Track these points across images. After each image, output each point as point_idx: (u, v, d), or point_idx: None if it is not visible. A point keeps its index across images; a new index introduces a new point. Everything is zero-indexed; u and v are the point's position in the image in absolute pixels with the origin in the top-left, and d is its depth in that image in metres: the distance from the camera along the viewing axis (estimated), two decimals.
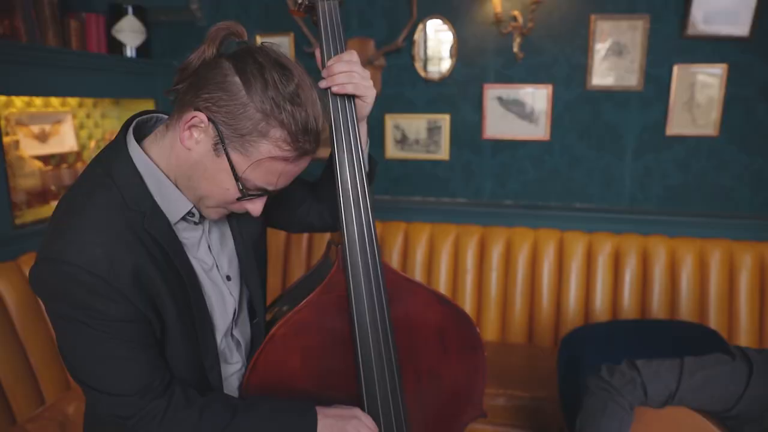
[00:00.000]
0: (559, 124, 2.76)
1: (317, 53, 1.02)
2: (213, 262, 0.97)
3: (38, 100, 2.62)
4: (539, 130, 2.78)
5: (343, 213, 1.00)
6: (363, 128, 1.06)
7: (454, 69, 2.79)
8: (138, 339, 0.85)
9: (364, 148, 1.04)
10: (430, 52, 2.82)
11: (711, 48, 2.56)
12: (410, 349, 1.08)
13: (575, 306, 2.57)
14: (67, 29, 2.67)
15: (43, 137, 2.63)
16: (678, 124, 2.63)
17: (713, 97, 2.58)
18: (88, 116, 2.92)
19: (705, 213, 2.67)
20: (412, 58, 2.81)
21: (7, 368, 1.93)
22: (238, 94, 0.81)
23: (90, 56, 2.67)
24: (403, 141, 2.92)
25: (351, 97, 0.99)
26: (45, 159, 2.60)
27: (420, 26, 2.77)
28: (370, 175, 1.15)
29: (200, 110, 0.82)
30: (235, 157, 0.83)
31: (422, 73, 2.82)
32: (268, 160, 0.83)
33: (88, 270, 0.78)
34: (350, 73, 0.96)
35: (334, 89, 0.97)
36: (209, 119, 0.82)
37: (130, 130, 0.90)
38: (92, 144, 2.87)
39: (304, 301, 1.00)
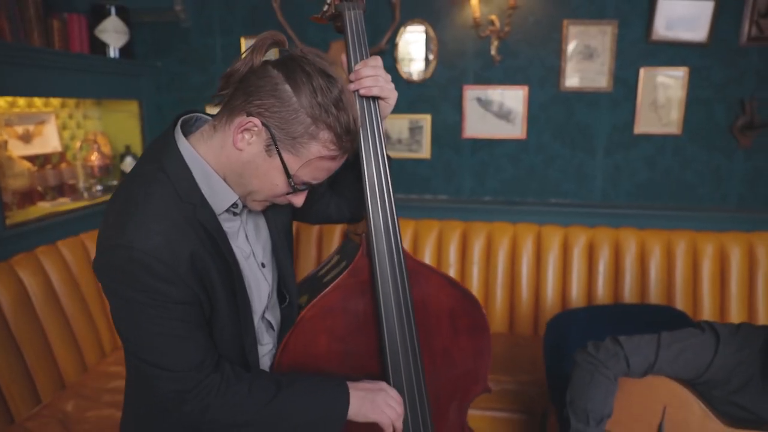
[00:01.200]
0: (534, 123, 2.90)
1: (343, 58, 1.11)
2: (250, 250, 1.05)
3: (21, 101, 2.61)
4: (516, 130, 2.92)
5: (369, 204, 1.09)
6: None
7: (435, 71, 2.91)
8: (194, 320, 0.92)
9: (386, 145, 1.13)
10: (412, 54, 2.92)
11: (673, 52, 2.74)
12: (426, 330, 1.17)
13: (553, 295, 2.72)
14: (50, 29, 2.66)
15: (27, 138, 2.62)
16: (645, 124, 2.81)
17: (676, 98, 2.77)
18: (70, 117, 2.91)
19: (671, 207, 2.86)
20: (394, 60, 2.91)
21: (2, 368, 1.94)
22: (289, 101, 0.88)
23: (73, 56, 2.66)
24: (386, 140, 3.01)
25: (375, 99, 1.08)
26: (30, 159, 2.59)
27: (402, 29, 2.87)
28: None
29: (253, 115, 0.89)
30: (287, 157, 0.91)
31: (404, 75, 2.92)
32: (317, 159, 0.92)
33: (153, 255, 0.85)
34: (376, 77, 1.05)
35: (362, 92, 1.06)
36: (263, 124, 0.89)
37: (178, 126, 0.97)
38: (77, 145, 2.86)
39: (331, 285, 1.09)
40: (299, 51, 0.93)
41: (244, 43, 2.99)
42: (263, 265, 1.07)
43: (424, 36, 2.88)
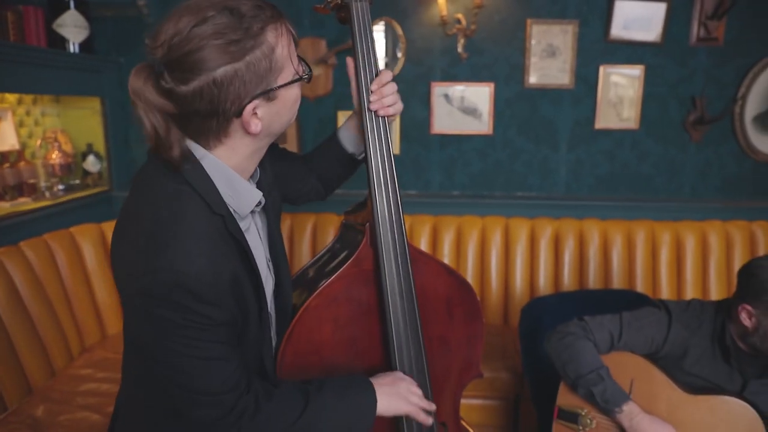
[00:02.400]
0: (500, 119, 2.98)
1: (350, 63, 1.13)
2: (261, 247, 1.03)
3: None
4: (483, 125, 2.99)
5: (376, 197, 1.12)
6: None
7: (403, 68, 2.94)
8: (230, 340, 0.89)
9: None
10: (380, 51, 2.95)
11: (630, 51, 2.87)
12: (424, 316, 1.19)
13: (522, 285, 2.80)
14: (3, 22, 2.55)
15: None
16: (604, 119, 2.93)
17: (633, 94, 2.90)
18: (28, 114, 2.80)
19: (630, 198, 3.00)
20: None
21: None
22: (236, 71, 0.81)
23: (30, 50, 2.54)
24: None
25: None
26: None
27: (372, 26, 2.89)
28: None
29: (243, 108, 0.85)
30: (281, 80, 0.87)
31: None
32: (288, 50, 0.88)
33: (198, 279, 0.80)
34: (395, 96, 1.10)
35: (381, 112, 1.10)
36: (252, 99, 0.85)
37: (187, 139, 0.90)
38: (36, 143, 2.76)
39: (335, 274, 1.10)
40: (154, 38, 0.83)
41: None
42: (269, 261, 1.07)
43: (392, 34, 2.91)
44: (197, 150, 0.90)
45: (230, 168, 0.91)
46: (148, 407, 1.00)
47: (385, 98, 1.08)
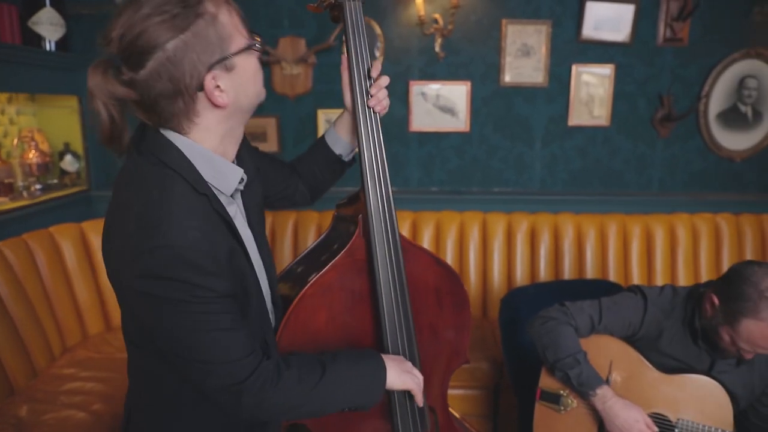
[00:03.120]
0: (477, 117, 3.06)
1: (344, 60, 1.18)
2: (250, 234, 1.05)
3: None
4: (460, 123, 3.06)
5: (369, 191, 1.17)
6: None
7: (381, 67, 2.98)
8: (237, 311, 0.91)
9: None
10: None
11: (601, 51, 2.98)
12: (414, 305, 1.24)
13: (500, 278, 2.88)
14: None
15: None
16: (577, 116, 3.03)
17: (604, 92, 3.01)
18: (2, 112, 2.76)
19: (602, 192, 3.11)
20: (342, 56, 2.97)
21: None
22: (185, 43, 0.83)
23: (4, 47, 2.49)
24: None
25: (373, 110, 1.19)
26: None
27: None
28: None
29: (202, 84, 0.86)
30: (234, 48, 0.88)
31: None
32: (229, 17, 0.89)
33: (193, 249, 0.82)
34: (387, 96, 1.18)
35: (378, 109, 1.17)
36: (209, 70, 0.86)
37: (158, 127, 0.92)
38: (12, 142, 2.72)
39: (329, 264, 1.15)
40: (105, 33, 0.87)
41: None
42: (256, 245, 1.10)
43: (371, 33, 2.96)
44: (173, 137, 0.92)
45: (210, 150, 0.93)
46: (161, 405, 1.01)
47: (381, 93, 1.15)
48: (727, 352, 1.46)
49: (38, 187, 2.75)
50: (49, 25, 2.76)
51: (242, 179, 1.00)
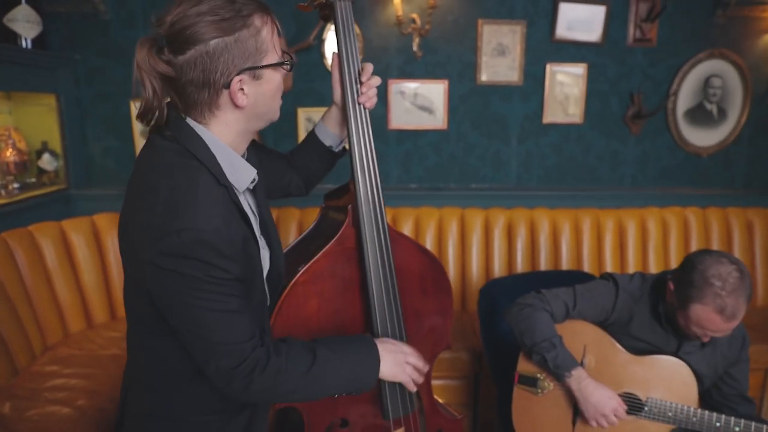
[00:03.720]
0: (454, 115, 3.12)
1: (335, 57, 1.22)
2: (255, 224, 1.10)
3: None
4: (438, 121, 3.12)
5: (359, 182, 1.22)
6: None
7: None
8: (244, 296, 0.98)
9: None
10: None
11: (574, 50, 3.07)
12: (402, 291, 1.29)
13: (478, 272, 2.95)
14: None
15: None
16: (552, 114, 3.12)
17: (577, 91, 3.10)
18: None
19: (576, 188, 3.20)
20: (321, 55, 3.02)
21: None
22: (224, 45, 0.92)
23: None
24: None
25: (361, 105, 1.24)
26: None
27: (329, 26, 2.98)
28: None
29: (229, 82, 0.94)
30: (266, 61, 0.97)
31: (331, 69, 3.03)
32: (270, 37, 0.97)
33: (216, 234, 0.90)
34: (376, 94, 1.23)
35: (368, 105, 1.22)
36: (237, 74, 0.95)
37: (186, 117, 0.99)
38: None
39: (321, 252, 1.19)
40: (161, 21, 0.94)
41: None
42: (260, 236, 1.14)
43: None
44: (198, 128, 0.99)
45: (227, 145, 1.01)
46: (158, 376, 1.06)
47: (371, 91, 1.21)
48: (683, 333, 1.55)
49: (16, 185, 2.73)
50: (25, 23, 2.74)
51: (254, 180, 1.07)
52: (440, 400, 1.59)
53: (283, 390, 1.02)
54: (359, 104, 1.23)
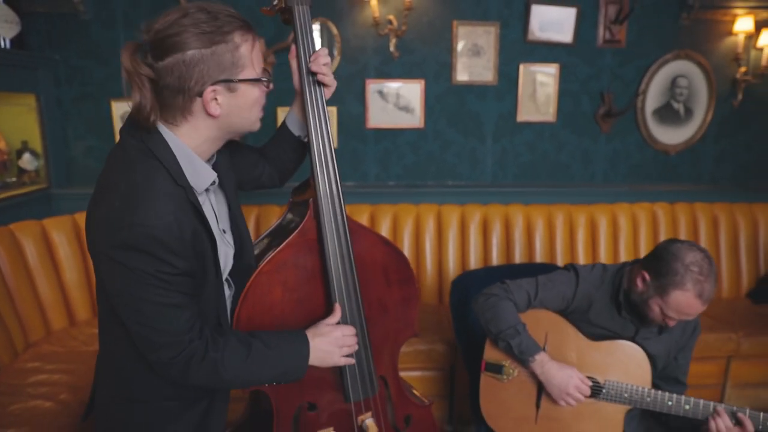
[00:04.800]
0: (431, 114, 3.20)
1: (293, 49, 1.29)
2: (215, 218, 1.18)
3: None
4: (415, 120, 3.20)
5: (318, 174, 1.28)
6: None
7: (339, 66, 3.10)
8: (190, 291, 1.04)
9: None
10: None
11: (546, 51, 3.16)
12: (363, 281, 1.36)
13: (454, 266, 3.03)
14: None
15: None
16: (526, 113, 3.21)
17: (550, 90, 3.20)
18: None
19: (550, 184, 3.30)
20: (291, 45, 3.06)
21: None
22: (201, 55, 0.99)
23: None
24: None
25: (322, 85, 1.30)
26: None
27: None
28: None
29: (203, 90, 1.01)
30: (243, 75, 1.04)
31: None
32: (250, 52, 1.05)
33: (165, 230, 0.96)
34: (328, 67, 1.28)
35: (319, 76, 1.28)
36: (213, 84, 1.01)
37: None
38: None
39: (284, 243, 1.26)
40: (148, 28, 1.01)
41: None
42: (224, 231, 1.21)
43: (328, 33, 3.07)
44: (165, 131, 1.05)
45: (190, 149, 1.07)
46: (121, 362, 1.13)
47: (323, 67, 1.26)
48: (651, 322, 1.63)
49: None
50: (3, 23, 2.75)
51: (214, 182, 1.13)
52: (412, 388, 1.66)
53: (219, 378, 1.10)
54: (314, 86, 1.29)
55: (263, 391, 1.32)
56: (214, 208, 1.19)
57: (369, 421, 1.41)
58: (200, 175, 1.09)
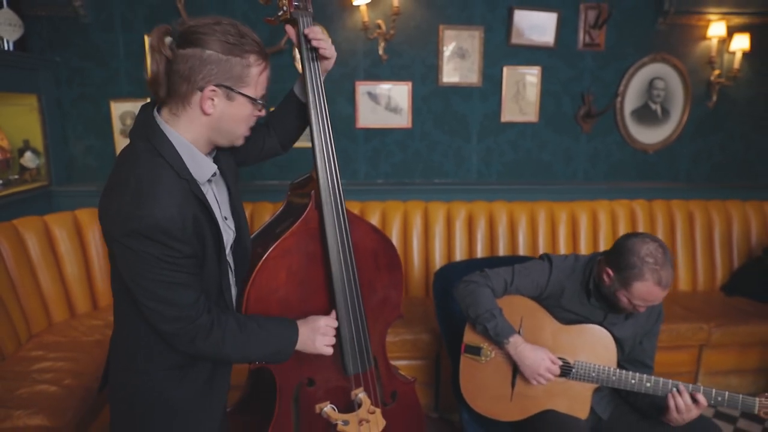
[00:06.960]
0: (418, 114, 3.33)
1: (291, 31, 1.44)
2: (218, 206, 1.29)
3: None
4: (403, 120, 3.32)
5: (318, 166, 1.42)
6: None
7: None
8: (193, 270, 1.17)
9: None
10: None
11: (529, 53, 3.30)
12: (357, 266, 1.49)
13: (440, 261, 3.16)
14: None
15: None
16: (509, 113, 3.34)
17: (533, 91, 3.33)
18: None
19: (532, 182, 3.44)
20: (293, 58, 3.19)
21: None
22: (217, 58, 1.12)
23: None
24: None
25: (319, 59, 1.43)
26: None
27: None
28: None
29: (205, 86, 1.14)
30: (244, 90, 1.17)
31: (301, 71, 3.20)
32: (258, 76, 1.18)
33: (172, 221, 1.09)
34: (327, 39, 1.43)
35: (314, 43, 1.40)
36: (216, 86, 1.14)
37: (157, 113, 1.19)
38: None
39: (288, 231, 1.39)
40: (183, 22, 1.15)
41: (148, 41, 3.10)
42: (225, 218, 1.33)
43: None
44: (166, 128, 1.17)
45: (190, 143, 1.19)
46: (133, 336, 1.25)
47: (320, 39, 1.39)
48: (624, 310, 1.76)
49: None
50: (7, 26, 2.86)
51: (215, 173, 1.26)
52: (397, 368, 1.79)
53: (220, 350, 1.23)
54: (313, 64, 1.42)
55: (267, 368, 1.45)
56: (217, 197, 1.30)
57: (362, 395, 1.55)
58: (201, 167, 1.21)
